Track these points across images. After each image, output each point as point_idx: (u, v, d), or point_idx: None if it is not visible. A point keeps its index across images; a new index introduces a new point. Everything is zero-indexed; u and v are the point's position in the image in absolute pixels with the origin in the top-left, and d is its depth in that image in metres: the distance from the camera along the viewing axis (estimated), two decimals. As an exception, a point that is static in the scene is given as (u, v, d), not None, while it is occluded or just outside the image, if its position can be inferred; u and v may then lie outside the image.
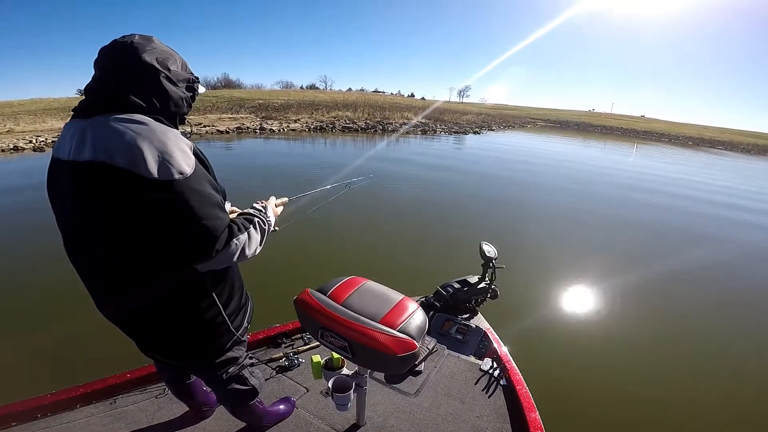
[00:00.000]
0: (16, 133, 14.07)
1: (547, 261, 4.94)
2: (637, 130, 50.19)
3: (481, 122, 32.03)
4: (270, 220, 1.18)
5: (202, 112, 22.92)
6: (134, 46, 0.93)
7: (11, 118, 19.31)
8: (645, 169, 14.94)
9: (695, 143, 38.15)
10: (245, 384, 1.40)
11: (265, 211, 1.18)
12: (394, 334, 1.17)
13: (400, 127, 22.28)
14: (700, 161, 21.46)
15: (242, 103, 31.12)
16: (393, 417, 1.76)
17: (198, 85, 1.09)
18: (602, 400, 2.69)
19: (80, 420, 1.60)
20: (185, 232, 0.91)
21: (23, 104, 31.47)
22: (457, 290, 2.46)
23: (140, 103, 0.93)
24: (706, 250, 5.81)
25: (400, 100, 64.15)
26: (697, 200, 9.56)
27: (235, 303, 1.21)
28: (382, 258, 4.79)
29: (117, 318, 1.10)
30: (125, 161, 0.85)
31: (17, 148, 11.00)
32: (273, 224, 1.22)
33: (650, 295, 4.19)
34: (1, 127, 15.23)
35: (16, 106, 30.51)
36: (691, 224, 7.27)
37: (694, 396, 2.79)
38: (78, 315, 2.13)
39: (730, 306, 4.20)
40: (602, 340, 3.38)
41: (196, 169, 0.93)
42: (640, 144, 29.68)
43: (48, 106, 29.35)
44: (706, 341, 3.50)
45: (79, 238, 1.00)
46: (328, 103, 33.18)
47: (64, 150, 0.93)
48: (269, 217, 1.18)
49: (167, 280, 1.00)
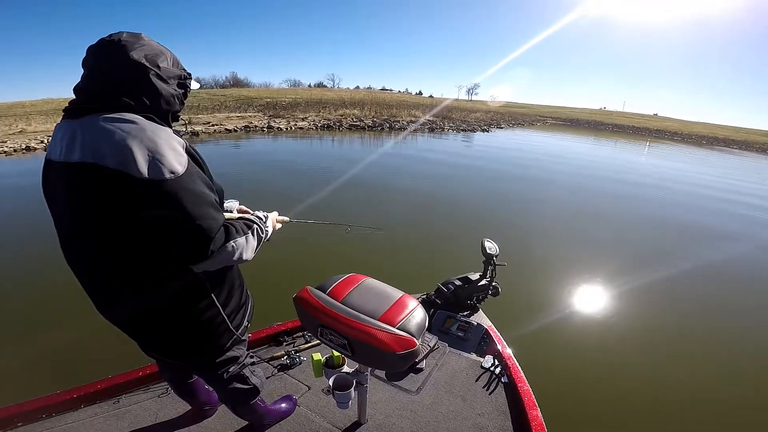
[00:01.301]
0: (28, 133, 14.30)
1: (551, 259, 4.91)
2: (649, 129, 49.49)
3: (489, 120, 31.85)
4: (268, 230, 1.18)
5: (210, 111, 23.13)
6: (122, 44, 0.91)
7: (23, 119, 19.66)
8: (656, 168, 14.74)
9: (709, 142, 37.51)
10: (246, 383, 1.39)
11: (265, 221, 1.18)
12: (393, 332, 1.15)
13: (407, 125, 22.23)
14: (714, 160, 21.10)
15: (250, 101, 31.36)
16: (394, 414, 1.75)
17: (190, 81, 1.07)
18: (604, 398, 2.68)
19: (84, 420, 1.61)
20: (179, 232, 0.89)
21: (35, 104, 32.03)
22: (458, 287, 2.45)
23: (130, 101, 0.91)
24: (713, 250, 5.71)
25: (407, 98, 64.07)
26: (707, 198, 9.40)
27: (234, 302, 1.20)
28: (383, 255, 4.77)
29: (116, 319, 1.09)
30: (115, 161, 0.84)
31: (29, 148, 11.17)
32: (269, 236, 1.21)
33: (654, 294, 4.14)
34: (14, 128, 15.50)
35: (28, 106, 31.06)
36: (702, 223, 7.15)
37: (699, 396, 2.76)
38: (81, 315, 2.13)
39: (737, 307, 4.12)
40: (605, 339, 3.36)
41: (188, 167, 0.91)
42: (652, 143, 29.27)
43: (59, 106, 29.64)
44: (712, 341, 3.46)
45: (73, 240, 1.00)
46: (335, 101, 33.28)
47: (56, 151, 0.92)
48: (267, 227, 1.18)
49: (163, 281, 1.00)
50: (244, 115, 21.97)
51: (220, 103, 28.22)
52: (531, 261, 4.73)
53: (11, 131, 14.61)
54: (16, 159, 10.29)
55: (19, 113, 23.98)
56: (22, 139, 12.38)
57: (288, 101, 32.08)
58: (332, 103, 30.42)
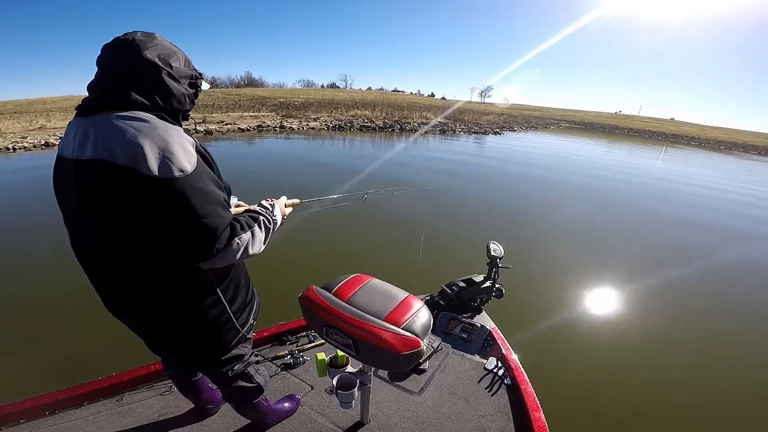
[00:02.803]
0: (48, 129, 14.65)
1: (558, 262, 4.89)
2: (666, 133, 48.53)
3: (502, 123, 31.60)
4: (276, 219, 1.15)
5: (224, 110, 23.38)
6: (136, 43, 0.93)
7: (43, 115, 20.12)
8: (671, 173, 14.44)
9: (727, 147, 36.63)
10: (250, 381, 1.40)
11: (272, 210, 1.16)
12: (398, 332, 1.16)
13: (418, 126, 22.19)
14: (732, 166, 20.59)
15: (264, 101, 31.65)
16: (397, 415, 1.75)
17: (201, 81, 1.08)
18: (607, 402, 2.67)
19: (87, 417, 1.62)
20: (186, 230, 0.90)
21: (55, 101, 32.76)
22: (462, 289, 2.45)
23: (142, 100, 0.92)
24: (725, 255, 5.58)
25: (419, 99, 64.09)
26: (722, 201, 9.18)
27: (240, 300, 1.21)
28: (388, 256, 4.76)
29: (123, 316, 1.10)
30: (126, 159, 0.85)
31: (48, 143, 11.44)
32: (279, 223, 1.19)
33: (662, 299, 4.09)
34: (34, 124, 15.89)
35: (49, 102, 31.80)
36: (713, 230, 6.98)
37: (706, 401, 2.74)
38: (86, 312, 2.13)
39: (748, 312, 4.06)
40: (609, 343, 3.34)
41: (197, 166, 0.92)
42: (668, 147, 28.72)
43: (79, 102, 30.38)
44: (719, 344, 3.43)
45: (83, 237, 1.00)
46: (347, 102, 33.40)
47: (68, 148, 0.94)
48: (275, 216, 1.15)
49: (171, 278, 1.00)
50: (257, 115, 22.19)
51: (234, 103, 28.54)
52: (540, 264, 4.71)
53: (31, 127, 14.99)
54: (36, 154, 10.57)
55: (39, 110, 24.58)
56: (42, 135, 12.70)
57: (301, 101, 32.29)
58: (344, 104, 30.53)
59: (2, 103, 31.83)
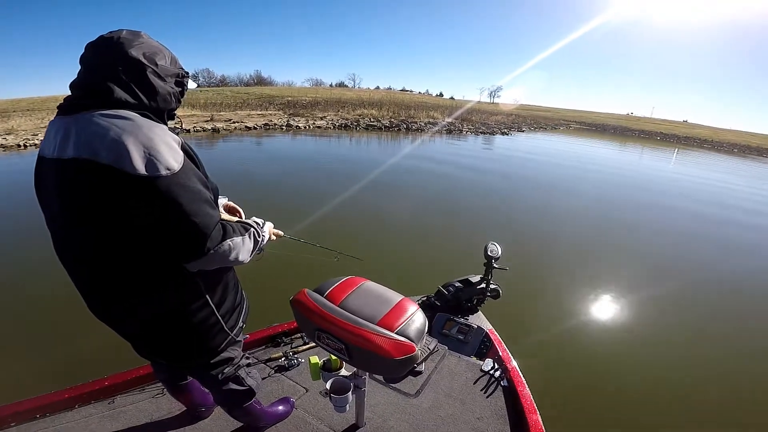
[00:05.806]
0: (59, 125, 14.84)
1: (557, 264, 4.85)
2: (678, 136, 47.78)
3: (510, 123, 31.34)
4: (264, 236, 1.17)
5: (232, 108, 23.51)
6: (121, 41, 0.91)
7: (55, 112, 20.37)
8: (683, 176, 14.22)
9: (741, 150, 35.91)
10: (242, 384, 1.37)
11: (261, 226, 1.18)
12: (391, 337, 1.13)
13: (425, 126, 22.10)
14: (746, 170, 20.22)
15: (272, 99, 31.79)
16: (392, 418, 1.73)
17: (187, 80, 1.07)
18: (605, 403, 2.65)
19: (79, 420, 1.60)
20: (175, 229, 0.88)
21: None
22: (459, 290, 2.43)
23: (126, 98, 0.90)
24: (729, 263, 5.48)
25: (427, 99, 64.01)
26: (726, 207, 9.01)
27: (229, 303, 1.19)
28: (384, 256, 4.71)
29: (107, 318, 1.08)
30: (110, 158, 0.82)
31: (59, 140, 11.60)
32: (265, 242, 1.19)
33: (659, 304, 4.03)
34: (45, 121, 16.08)
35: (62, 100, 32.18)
36: (720, 235, 6.86)
37: (700, 403, 2.72)
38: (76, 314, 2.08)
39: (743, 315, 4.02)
40: (607, 345, 3.33)
41: (184, 164, 0.89)
42: (681, 149, 28.27)
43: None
44: (709, 348, 3.39)
45: (66, 238, 0.98)
46: (354, 101, 33.43)
47: (49, 147, 0.91)
48: (264, 233, 1.17)
49: (156, 280, 0.98)
50: (265, 113, 22.29)
51: (242, 101, 28.67)
52: (538, 266, 4.69)
53: (43, 125, 15.19)
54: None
55: (52, 107, 24.87)
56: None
57: (308, 100, 32.39)
58: (351, 103, 30.53)
59: (16, 101, 32.31)
